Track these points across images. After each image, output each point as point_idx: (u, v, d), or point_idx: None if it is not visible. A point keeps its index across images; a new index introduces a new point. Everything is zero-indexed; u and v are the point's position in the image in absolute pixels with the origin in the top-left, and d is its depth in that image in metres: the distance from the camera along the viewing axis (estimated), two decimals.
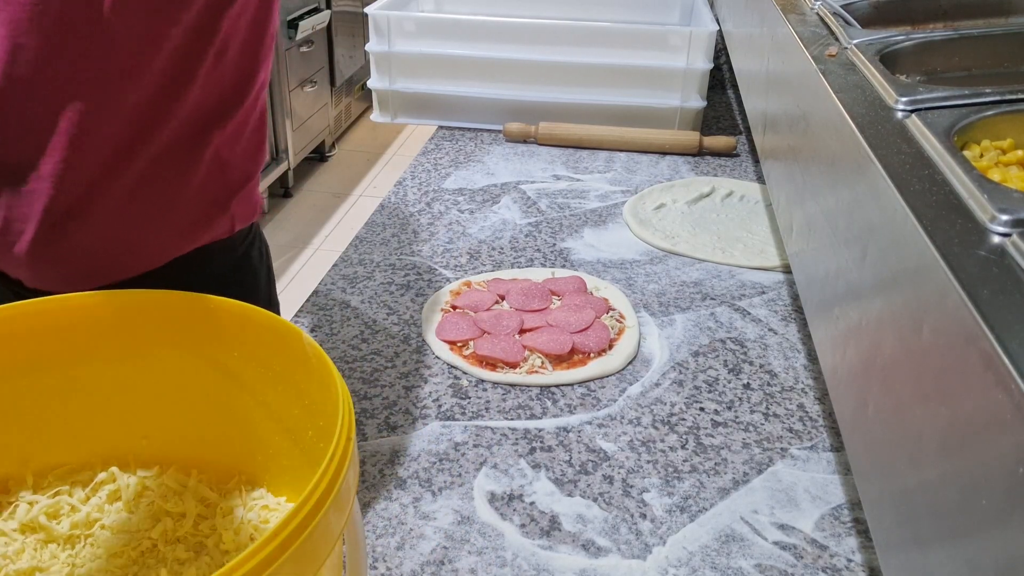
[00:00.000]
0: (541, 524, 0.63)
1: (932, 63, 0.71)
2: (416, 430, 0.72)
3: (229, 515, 0.53)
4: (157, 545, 0.52)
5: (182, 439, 0.57)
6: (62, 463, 0.56)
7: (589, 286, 0.92)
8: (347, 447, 0.41)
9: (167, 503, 0.54)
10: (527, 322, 0.85)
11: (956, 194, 0.44)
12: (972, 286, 0.35)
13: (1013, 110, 0.55)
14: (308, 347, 0.48)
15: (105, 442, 0.56)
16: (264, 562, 0.35)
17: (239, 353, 0.53)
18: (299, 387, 0.50)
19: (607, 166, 1.27)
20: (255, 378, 0.53)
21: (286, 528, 0.36)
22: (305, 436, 0.51)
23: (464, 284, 0.93)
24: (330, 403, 0.44)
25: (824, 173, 0.62)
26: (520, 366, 0.80)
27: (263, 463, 0.56)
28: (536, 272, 0.96)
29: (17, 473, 0.55)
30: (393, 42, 1.36)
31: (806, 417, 0.74)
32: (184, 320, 0.53)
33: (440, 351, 0.82)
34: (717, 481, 0.67)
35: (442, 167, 1.25)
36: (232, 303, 0.51)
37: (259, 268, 0.92)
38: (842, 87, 0.61)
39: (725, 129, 1.43)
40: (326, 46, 3.34)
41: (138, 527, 0.53)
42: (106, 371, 0.55)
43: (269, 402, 0.53)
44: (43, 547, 0.51)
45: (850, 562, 0.60)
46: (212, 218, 0.83)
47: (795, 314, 0.90)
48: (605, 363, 0.80)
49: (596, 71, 1.33)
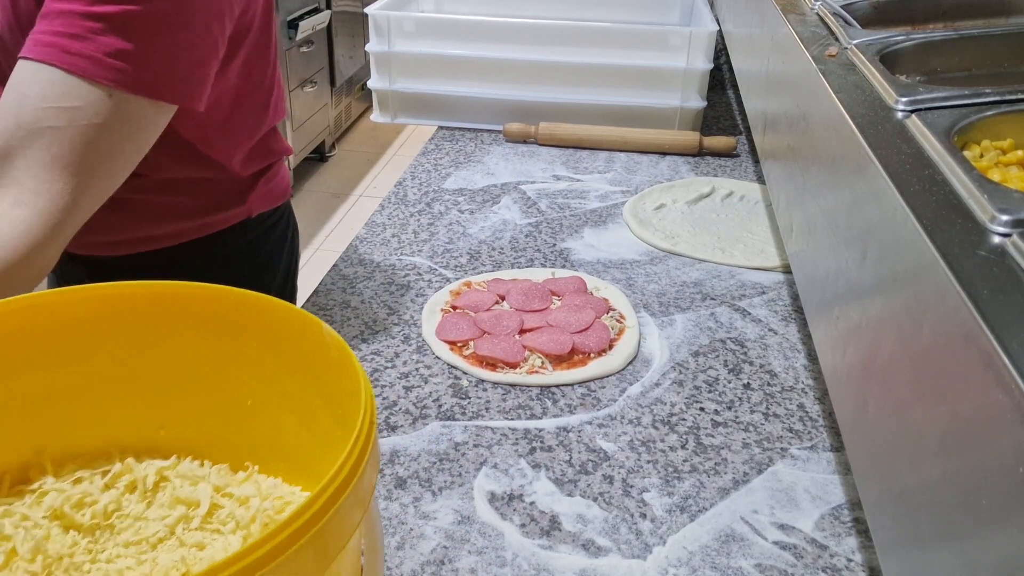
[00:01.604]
0: (541, 524, 0.63)
1: (932, 63, 0.71)
2: (416, 430, 0.72)
3: (245, 503, 0.54)
4: (174, 532, 0.53)
5: (198, 428, 0.58)
6: (79, 452, 0.57)
7: (589, 286, 0.93)
8: (370, 431, 0.42)
9: (183, 491, 0.55)
10: (527, 322, 0.85)
11: (956, 194, 0.44)
12: (972, 286, 0.35)
13: (1013, 110, 0.55)
14: (328, 337, 0.49)
15: (122, 431, 0.57)
16: (286, 542, 0.35)
17: (257, 343, 0.54)
18: (319, 377, 0.51)
19: (607, 166, 1.27)
20: (273, 368, 0.54)
21: (309, 509, 0.36)
22: (323, 425, 0.52)
23: (464, 284, 0.93)
24: (351, 391, 0.45)
25: (824, 173, 0.62)
26: (520, 366, 0.80)
27: (278, 452, 0.57)
28: (536, 272, 0.96)
29: (35, 462, 0.55)
30: (393, 42, 1.36)
31: (806, 417, 0.74)
32: (202, 311, 0.54)
33: (440, 351, 0.82)
34: (717, 481, 0.67)
35: (442, 167, 1.26)
36: (251, 294, 0.52)
37: (280, 248, 0.98)
38: (842, 87, 0.61)
39: (725, 129, 1.43)
40: (326, 46, 3.34)
41: (155, 515, 0.54)
42: (124, 361, 0.55)
43: (287, 392, 0.54)
44: (64, 534, 0.52)
45: (850, 562, 0.60)
46: (228, 211, 0.87)
47: (795, 314, 0.90)
48: (605, 363, 0.80)
49: (596, 71, 1.33)
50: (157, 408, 0.57)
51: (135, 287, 0.54)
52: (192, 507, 0.54)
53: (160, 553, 0.51)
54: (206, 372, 0.56)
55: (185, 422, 0.58)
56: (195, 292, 0.54)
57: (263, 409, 0.56)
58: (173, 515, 0.53)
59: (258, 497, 0.54)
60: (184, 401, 0.57)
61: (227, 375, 0.56)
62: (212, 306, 0.53)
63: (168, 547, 0.52)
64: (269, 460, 0.57)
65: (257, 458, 0.58)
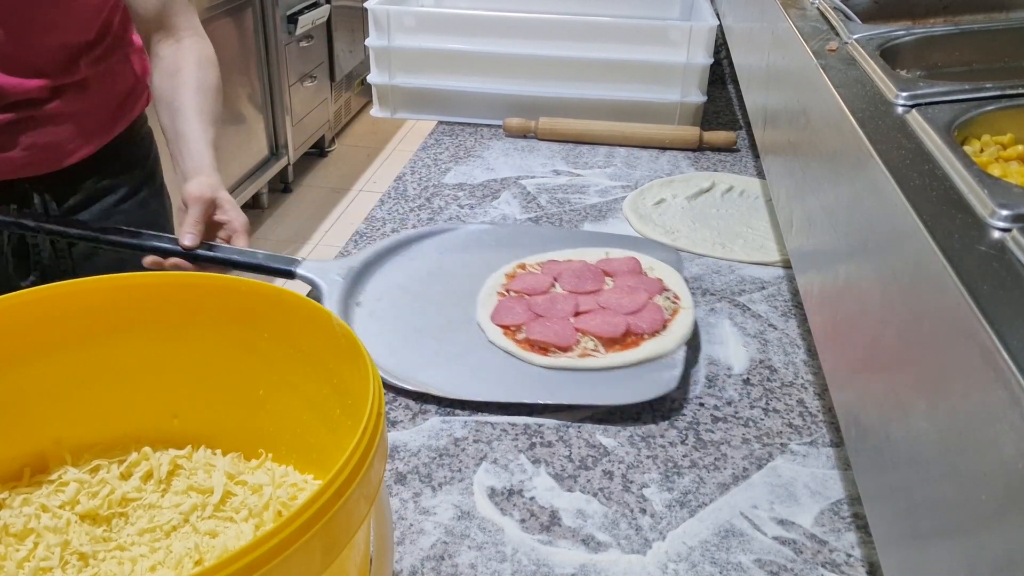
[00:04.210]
0: (541, 519, 0.63)
1: (933, 58, 0.71)
2: (416, 425, 0.72)
3: (258, 492, 0.55)
4: (188, 520, 0.54)
5: (211, 418, 0.58)
6: (95, 442, 0.57)
7: (644, 265, 0.91)
8: (378, 421, 0.42)
9: (198, 480, 0.56)
10: (581, 305, 0.83)
11: (956, 189, 0.43)
12: (972, 281, 0.35)
13: (1013, 105, 0.55)
14: (338, 327, 0.49)
15: (136, 421, 0.58)
16: (296, 533, 0.36)
17: (269, 334, 0.54)
18: (328, 367, 0.51)
19: (607, 161, 1.27)
20: (284, 358, 0.55)
21: (321, 498, 0.37)
22: (333, 415, 0.52)
23: (519, 266, 0.92)
24: (359, 381, 0.46)
25: (824, 168, 0.62)
26: (572, 349, 0.78)
27: (290, 441, 0.57)
28: (589, 253, 0.94)
29: (52, 451, 0.56)
30: (393, 37, 1.36)
31: (806, 412, 0.74)
32: (215, 301, 0.54)
33: (494, 336, 0.81)
34: (717, 476, 0.67)
35: (442, 162, 1.25)
36: (263, 285, 0.53)
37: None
38: (842, 82, 0.61)
39: (725, 124, 1.43)
40: (326, 41, 3.33)
41: (169, 503, 0.55)
42: (137, 351, 0.56)
43: (297, 382, 0.55)
44: (80, 523, 0.53)
45: (850, 557, 0.60)
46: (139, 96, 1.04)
47: (795, 309, 0.90)
48: (659, 344, 0.78)
49: (596, 66, 1.33)
50: (171, 397, 0.58)
51: (148, 278, 0.55)
52: (206, 495, 0.55)
53: (174, 541, 0.52)
54: (219, 362, 0.57)
55: (198, 411, 0.58)
56: (208, 282, 0.54)
57: (274, 399, 0.57)
58: (187, 503, 0.54)
59: (271, 485, 0.54)
60: (197, 390, 0.58)
61: (239, 365, 0.56)
62: (224, 296, 0.54)
63: (182, 535, 0.53)
64: (280, 449, 0.58)
65: (269, 447, 0.58)
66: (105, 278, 0.53)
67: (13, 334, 0.51)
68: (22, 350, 0.53)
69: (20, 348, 0.52)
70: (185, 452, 0.58)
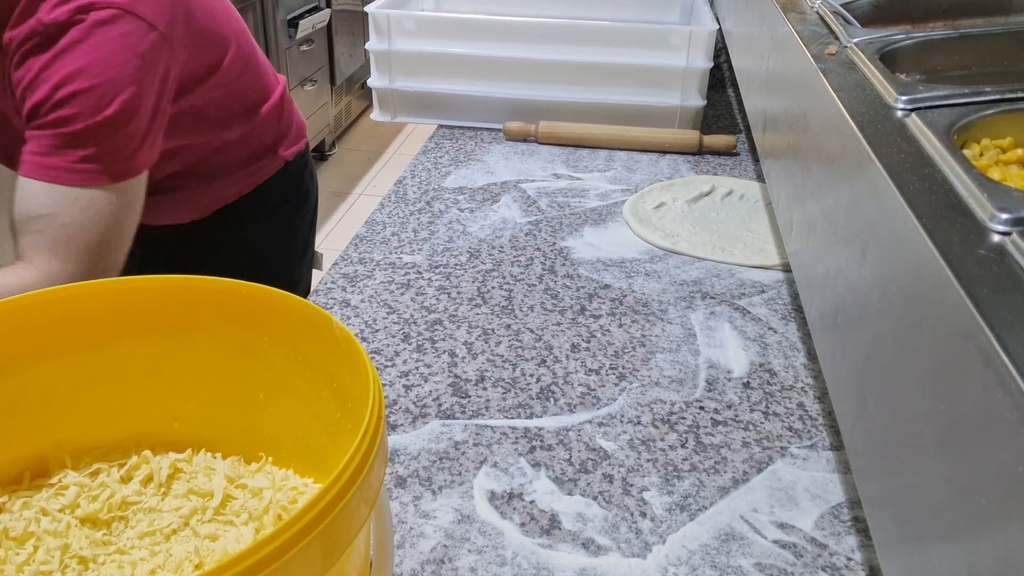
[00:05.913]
0: (541, 523, 0.63)
1: (932, 62, 0.71)
2: (416, 429, 0.72)
3: (258, 495, 0.55)
4: (188, 523, 0.53)
5: (211, 421, 0.58)
6: (95, 445, 0.57)
7: None
8: (378, 425, 0.42)
9: (198, 483, 0.56)
10: None
11: (956, 193, 0.43)
12: (972, 284, 0.35)
13: (1013, 109, 0.55)
14: (338, 331, 0.49)
15: (136, 424, 0.58)
16: (296, 537, 0.36)
17: (269, 338, 0.54)
18: (328, 371, 0.51)
19: (607, 165, 1.27)
20: (284, 362, 0.55)
21: (320, 502, 0.37)
22: (333, 418, 0.52)
23: None
24: (359, 385, 0.46)
25: (824, 172, 0.62)
26: None
27: (290, 445, 0.57)
28: None
29: (52, 455, 0.56)
30: (393, 41, 1.36)
31: (806, 416, 0.74)
32: (215, 305, 0.54)
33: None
34: (717, 480, 0.67)
35: (442, 166, 1.25)
36: (264, 289, 0.53)
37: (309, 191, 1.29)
38: (842, 86, 0.61)
39: (725, 128, 1.43)
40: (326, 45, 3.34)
41: (169, 507, 0.55)
42: (138, 354, 0.56)
43: (297, 385, 0.55)
44: (80, 527, 0.53)
45: (850, 560, 0.60)
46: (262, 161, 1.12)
47: (795, 313, 0.90)
48: None
49: (596, 70, 1.33)
50: (171, 401, 0.58)
51: (149, 281, 0.55)
52: (206, 498, 0.55)
53: (174, 544, 0.52)
54: (219, 365, 0.57)
55: (198, 414, 0.58)
56: (208, 286, 0.54)
57: (275, 402, 0.57)
58: (187, 506, 0.54)
59: (271, 489, 0.54)
60: (197, 394, 0.58)
61: (239, 368, 0.56)
62: (225, 300, 0.54)
63: (182, 538, 0.53)
64: (281, 452, 0.58)
65: (269, 450, 0.58)
66: (105, 281, 0.53)
67: (13, 337, 0.52)
68: (23, 353, 0.53)
69: (21, 351, 0.52)
70: (185, 455, 0.58)
